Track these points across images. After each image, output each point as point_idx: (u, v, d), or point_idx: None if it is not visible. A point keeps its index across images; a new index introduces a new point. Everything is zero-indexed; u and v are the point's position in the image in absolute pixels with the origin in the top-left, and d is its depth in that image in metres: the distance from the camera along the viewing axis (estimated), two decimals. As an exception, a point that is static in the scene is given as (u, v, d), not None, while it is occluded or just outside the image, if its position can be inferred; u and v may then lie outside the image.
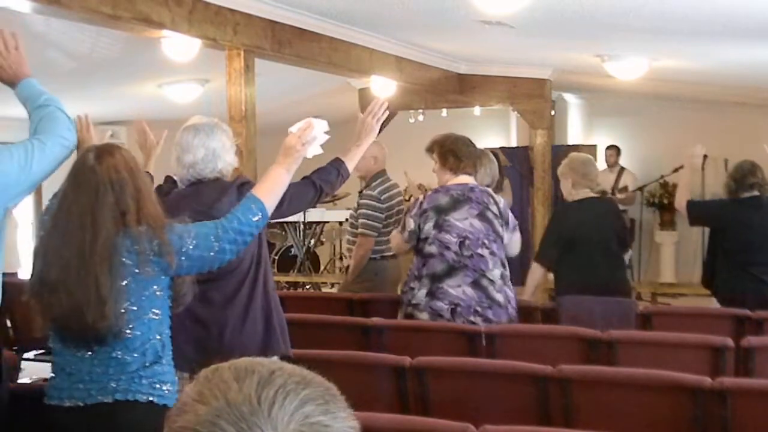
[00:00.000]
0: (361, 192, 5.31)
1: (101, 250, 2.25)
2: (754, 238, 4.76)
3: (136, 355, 2.32)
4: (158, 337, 2.37)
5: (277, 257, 9.72)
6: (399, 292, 4.69)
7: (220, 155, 3.10)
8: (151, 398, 2.32)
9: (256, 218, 2.47)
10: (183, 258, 2.35)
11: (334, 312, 4.71)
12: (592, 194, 4.88)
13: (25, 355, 5.45)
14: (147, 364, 2.33)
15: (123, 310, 2.27)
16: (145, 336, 2.33)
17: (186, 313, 3.03)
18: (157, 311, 2.37)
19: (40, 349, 5.49)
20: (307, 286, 9.07)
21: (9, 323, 5.48)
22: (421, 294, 4.07)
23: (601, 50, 6.76)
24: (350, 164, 3.34)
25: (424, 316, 4.05)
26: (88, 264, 2.25)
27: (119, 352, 2.31)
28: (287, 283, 9.12)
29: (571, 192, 4.90)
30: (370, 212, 5.09)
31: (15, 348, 5.36)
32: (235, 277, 3.07)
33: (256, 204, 2.49)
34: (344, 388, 0.96)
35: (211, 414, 0.85)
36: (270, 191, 2.58)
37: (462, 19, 5.63)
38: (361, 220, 5.14)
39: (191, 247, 2.36)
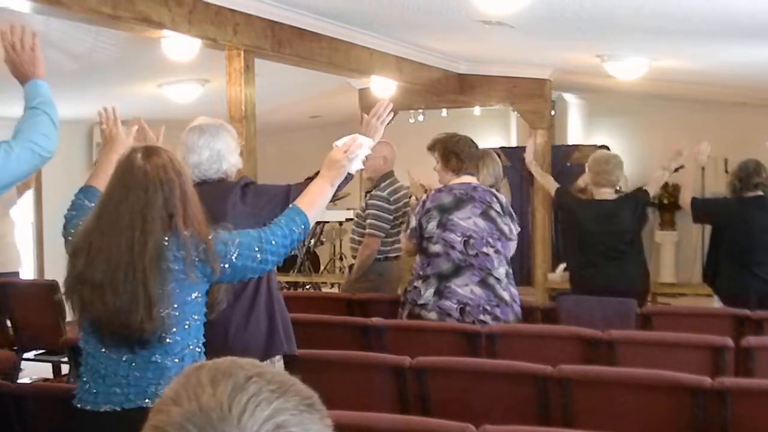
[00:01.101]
0: (368, 192, 5.29)
1: (151, 251, 2.21)
2: (757, 238, 4.78)
3: (176, 360, 2.29)
4: (196, 341, 2.35)
5: (278, 258, 9.72)
6: (400, 293, 4.69)
7: (225, 156, 3.11)
8: None
9: (298, 230, 2.48)
10: (227, 266, 2.33)
11: (334, 312, 4.71)
12: (610, 194, 4.89)
13: (25, 355, 5.45)
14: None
15: (166, 315, 2.24)
16: (185, 342, 2.31)
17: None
18: (196, 317, 2.34)
19: (40, 349, 5.50)
20: (307, 286, 9.08)
21: (9, 323, 5.48)
22: (428, 294, 4.07)
23: (601, 50, 6.75)
24: (353, 168, 3.34)
25: (432, 316, 4.05)
26: (137, 264, 2.20)
27: (158, 356, 2.27)
28: (287, 283, 9.12)
29: (593, 190, 4.96)
30: (379, 213, 5.08)
31: (15, 348, 5.36)
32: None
33: (299, 216, 2.50)
34: (344, 388, 0.96)
35: (182, 416, 0.86)
36: (313, 204, 2.59)
37: (462, 19, 5.62)
38: (369, 221, 5.13)
39: (235, 256, 2.34)
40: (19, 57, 2.54)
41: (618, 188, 5.08)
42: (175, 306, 2.26)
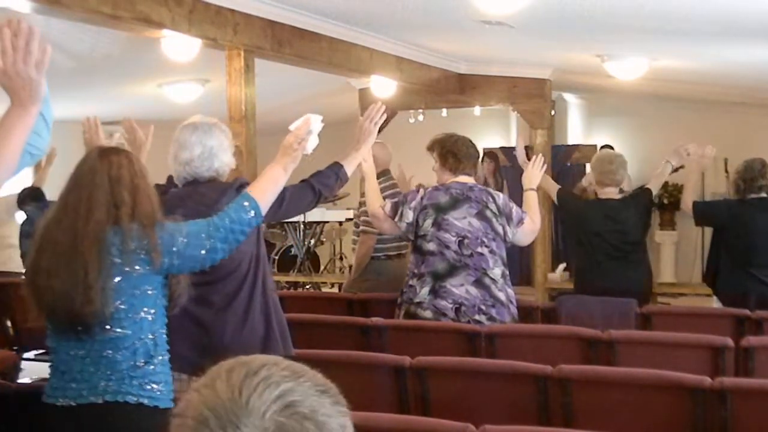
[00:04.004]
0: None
1: (91, 234, 2.27)
2: (758, 240, 4.76)
3: (127, 354, 2.32)
4: (150, 336, 2.37)
5: (277, 257, 9.72)
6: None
7: (217, 154, 3.10)
8: (141, 400, 2.32)
9: (248, 216, 2.46)
10: (174, 257, 2.35)
11: (334, 312, 4.71)
12: (615, 193, 4.91)
13: (25, 355, 5.45)
14: (138, 364, 2.33)
15: (113, 309, 2.28)
16: (136, 335, 2.33)
17: (186, 315, 3.03)
18: (150, 310, 2.37)
19: (40, 349, 5.50)
20: (307, 286, 9.07)
21: (9, 323, 5.48)
22: (424, 292, 4.07)
23: (601, 50, 6.75)
24: (349, 168, 3.36)
25: (427, 314, 4.05)
26: (78, 248, 2.27)
27: (110, 351, 2.31)
28: (287, 283, 9.11)
29: (597, 190, 4.97)
30: None
31: (15, 348, 5.36)
32: (234, 278, 3.07)
33: (249, 202, 2.49)
34: (344, 388, 0.96)
35: (198, 401, 0.91)
36: (265, 190, 2.58)
37: (462, 19, 5.63)
38: (363, 218, 5.15)
39: (182, 245, 2.35)
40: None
41: (621, 188, 5.09)
42: (123, 299, 2.30)
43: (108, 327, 2.29)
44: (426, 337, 3.95)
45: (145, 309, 2.36)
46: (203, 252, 2.38)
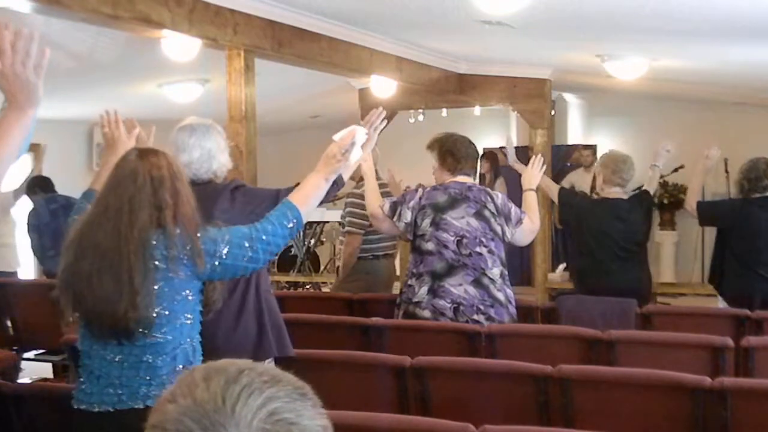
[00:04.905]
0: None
1: (136, 239, 2.22)
2: (763, 239, 4.75)
3: (167, 359, 2.29)
4: (189, 341, 2.35)
5: (277, 257, 9.71)
6: (398, 292, 4.69)
7: (215, 156, 3.11)
8: None
9: (290, 225, 2.45)
10: (217, 263, 2.32)
11: (334, 312, 4.71)
12: (622, 193, 4.92)
13: (25, 355, 5.45)
14: (178, 369, 2.30)
15: (155, 314, 2.24)
16: (177, 341, 2.31)
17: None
18: (189, 316, 2.34)
19: (40, 349, 5.50)
20: (307, 286, 9.07)
21: (9, 323, 5.48)
22: (422, 291, 4.07)
23: (601, 50, 6.76)
24: (346, 173, 3.35)
25: (426, 314, 4.05)
26: (123, 251, 2.21)
27: (150, 357, 2.28)
28: (287, 283, 9.12)
29: (603, 188, 4.97)
30: (356, 210, 5.07)
31: (15, 348, 5.36)
32: (228, 280, 3.07)
33: (291, 211, 2.48)
34: (344, 388, 0.97)
35: (177, 412, 0.88)
36: (306, 198, 2.56)
37: (462, 19, 5.63)
38: (348, 219, 5.15)
39: (225, 252, 2.33)
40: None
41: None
42: (165, 305, 2.27)
43: (149, 332, 2.25)
44: (426, 337, 3.95)
45: (186, 314, 2.33)
46: (245, 260, 2.36)
